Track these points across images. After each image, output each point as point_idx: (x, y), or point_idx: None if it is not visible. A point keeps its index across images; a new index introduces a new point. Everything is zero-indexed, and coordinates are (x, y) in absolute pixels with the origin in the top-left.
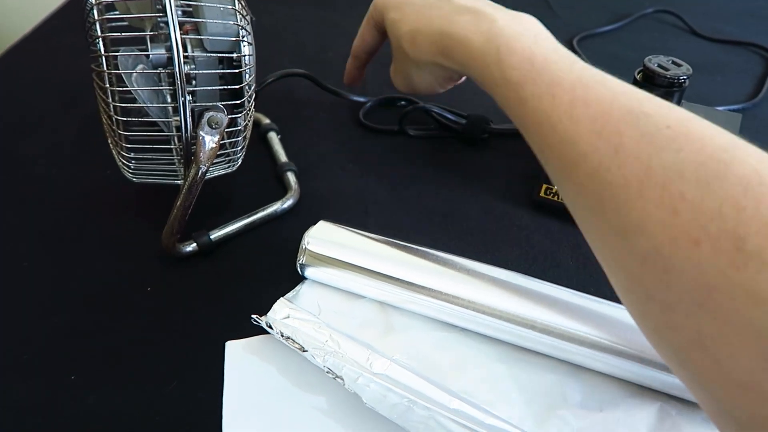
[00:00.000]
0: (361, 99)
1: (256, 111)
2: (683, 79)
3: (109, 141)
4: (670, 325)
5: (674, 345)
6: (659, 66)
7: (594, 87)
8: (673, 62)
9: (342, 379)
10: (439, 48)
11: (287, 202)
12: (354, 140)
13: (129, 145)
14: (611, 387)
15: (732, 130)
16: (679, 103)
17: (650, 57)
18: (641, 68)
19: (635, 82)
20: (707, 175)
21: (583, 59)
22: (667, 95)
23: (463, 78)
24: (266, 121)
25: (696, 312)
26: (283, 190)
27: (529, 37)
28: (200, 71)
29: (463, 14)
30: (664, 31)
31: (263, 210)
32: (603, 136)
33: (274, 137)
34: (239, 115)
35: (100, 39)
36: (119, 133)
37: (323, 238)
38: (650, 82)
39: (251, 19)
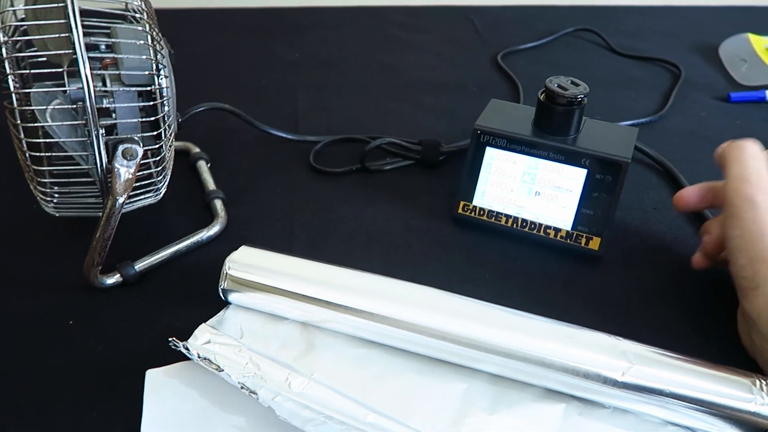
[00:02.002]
0: (288, 136)
1: (186, 140)
2: (581, 97)
3: (26, 176)
4: None
5: None
6: (559, 86)
7: None
8: (572, 82)
9: (256, 393)
10: None
11: (213, 229)
12: (283, 165)
13: (51, 180)
14: (519, 391)
15: (629, 144)
16: (580, 118)
17: (551, 78)
18: (543, 88)
19: (539, 102)
20: None
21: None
22: (567, 113)
23: None
24: (196, 150)
25: None
26: (211, 218)
27: None
28: (119, 104)
29: None
30: (585, 50)
31: (189, 238)
32: None
33: (203, 165)
34: (159, 145)
35: (10, 76)
36: (35, 169)
37: (244, 262)
38: (551, 101)
39: (169, 51)
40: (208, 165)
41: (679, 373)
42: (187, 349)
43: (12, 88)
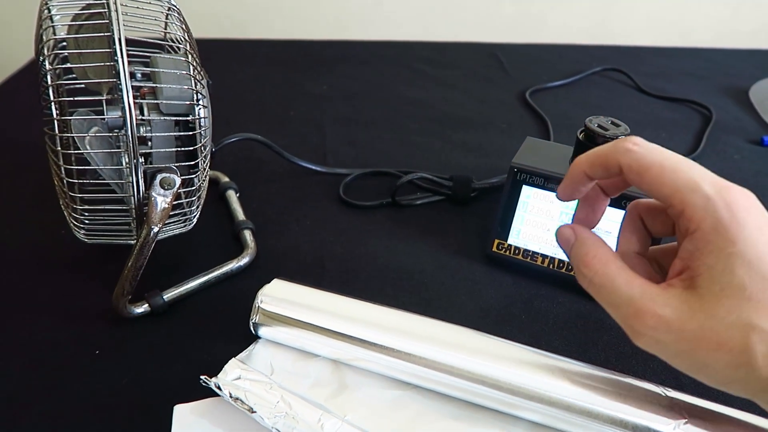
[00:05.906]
0: (318, 168)
1: (215, 169)
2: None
3: (61, 202)
4: None
5: None
6: (599, 126)
7: None
8: (612, 122)
9: None
10: None
11: (243, 260)
12: (312, 197)
13: (82, 207)
14: None
15: None
16: None
17: (591, 117)
18: (583, 128)
19: (578, 141)
20: None
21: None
22: None
23: None
24: (225, 179)
25: None
26: (240, 248)
27: None
28: (155, 134)
29: None
30: (612, 89)
31: (218, 269)
32: None
33: (232, 195)
34: (194, 175)
35: (53, 103)
36: (71, 195)
37: (277, 296)
38: (591, 141)
39: (207, 82)
40: (237, 195)
41: (736, 428)
42: (218, 387)
43: (54, 115)
